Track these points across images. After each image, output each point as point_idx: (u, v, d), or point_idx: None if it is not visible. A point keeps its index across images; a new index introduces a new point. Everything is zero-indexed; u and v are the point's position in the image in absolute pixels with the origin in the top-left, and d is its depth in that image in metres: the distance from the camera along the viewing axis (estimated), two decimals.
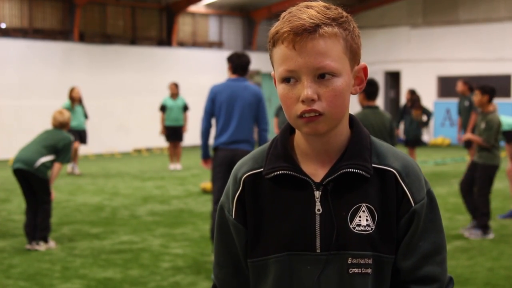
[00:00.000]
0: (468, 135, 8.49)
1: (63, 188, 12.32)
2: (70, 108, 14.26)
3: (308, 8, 1.63)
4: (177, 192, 12.00)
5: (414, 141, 13.82)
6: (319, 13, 1.61)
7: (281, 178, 1.70)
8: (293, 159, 1.71)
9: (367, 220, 1.67)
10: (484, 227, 8.07)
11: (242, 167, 1.77)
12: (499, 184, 12.37)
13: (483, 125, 8.10)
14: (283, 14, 1.66)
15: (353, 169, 1.66)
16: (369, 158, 1.69)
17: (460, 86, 13.58)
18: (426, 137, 22.81)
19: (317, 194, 1.67)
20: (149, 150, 20.93)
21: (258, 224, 1.72)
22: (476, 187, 8.17)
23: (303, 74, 1.60)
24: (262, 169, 1.72)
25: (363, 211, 1.67)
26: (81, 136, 14.58)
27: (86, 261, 7.10)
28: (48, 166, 7.63)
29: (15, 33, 18.70)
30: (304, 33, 1.59)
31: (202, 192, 11.76)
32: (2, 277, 6.53)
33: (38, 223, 7.63)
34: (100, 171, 15.38)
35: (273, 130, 19.19)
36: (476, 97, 8.19)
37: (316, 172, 1.69)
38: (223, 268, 1.81)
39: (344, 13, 1.66)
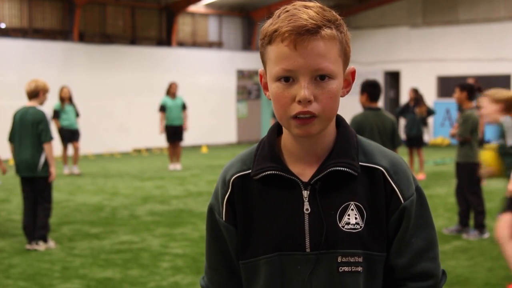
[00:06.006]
0: (451, 131, 8.52)
1: (63, 188, 12.32)
2: (60, 109, 14.28)
3: (307, 8, 1.62)
4: (177, 192, 12.00)
5: (418, 141, 13.79)
6: (318, 14, 1.61)
7: (269, 179, 1.70)
8: (280, 159, 1.70)
9: (356, 218, 1.67)
10: (480, 227, 8.08)
11: (230, 169, 1.76)
12: (499, 184, 12.37)
13: (460, 120, 8.17)
14: (277, 12, 1.66)
15: (341, 167, 1.66)
16: (356, 156, 1.69)
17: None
18: (426, 137, 22.81)
19: (305, 193, 1.68)
20: (148, 150, 20.93)
21: (248, 225, 1.72)
22: (464, 188, 8.18)
23: (301, 75, 1.59)
24: (250, 171, 1.72)
25: (352, 210, 1.67)
26: (74, 135, 14.58)
27: (85, 261, 7.10)
28: (47, 163, 7.68)
29: (14, 33, 18.70)
30: (306, 34, 1.58)
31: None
32: (2, 277, 6.53)
33: (37, 222, 7.64)
34: (100, 171, 15.37)
35: None
36: (456, 94, 8.27)
37: (304, 172, 1.69)
38: (217, 271, 1.81)
39: (338, 16, 1.66)
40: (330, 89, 1.61)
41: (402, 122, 14.94)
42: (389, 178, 1.69)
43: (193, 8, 22.46)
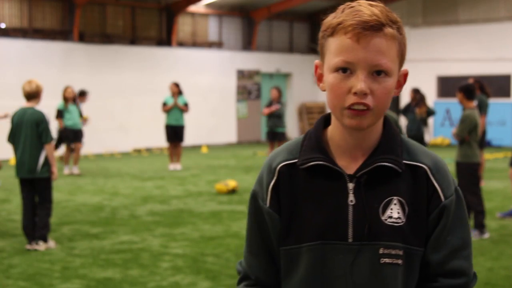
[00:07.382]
0: (453, 131, 8.54)
1: (63, 188, 12.32)
2: (64, 108, 14.30)
3: (371, 6, 1.69)
4: (177, 192, 12.01)
5: (418, 140, 13.79)
6: (382, 12, 1.69)
7: (315, 169, 1.75)
8: (327, 151, 1.76)
9: (398, 213, 1.72)
10: (480, 226, 8.08)
11: (277, 157, 1.81)
12: (499, 183, 12.38)
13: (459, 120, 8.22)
14: (341, 7, 1.72)
15: (387, 163, 1.72)
16: (400, 154, 1.75)
17: None
18: (426, 137, 22.80)
19: (350, 185, 1.73)
20: (148, 150, 20.93)
21: (292, 213, 1.77)
22: (463, 187, 8.17)
23: (360, 68, 1.65)
24: (296, 160, 1.77)
25: (395, 204, 1.73)
26: (77, 135, 14.59)
27: (85, 261, 7.10)
28: (47, 163, 7.66)
29: (15, 33, 18.70)
30: (370, 29, 1.65)
31: (216, 193, 11.76)
32: (2, 277, 6.53)
33: (37, 222, 7.64)
34: (100, 171, 15.38)
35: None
36: (457, 96, 8.32)
37: (349, 165, 1.75)
38: (257, 257, 1.85)
39: (399, 18, 1.73)
40: (385, 85, 1.68)
41: (404, 121, 14.94)
42: (431, 177, 1.75)
43: (193, 8, 22.47)
